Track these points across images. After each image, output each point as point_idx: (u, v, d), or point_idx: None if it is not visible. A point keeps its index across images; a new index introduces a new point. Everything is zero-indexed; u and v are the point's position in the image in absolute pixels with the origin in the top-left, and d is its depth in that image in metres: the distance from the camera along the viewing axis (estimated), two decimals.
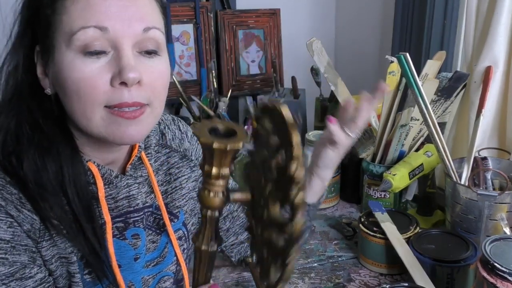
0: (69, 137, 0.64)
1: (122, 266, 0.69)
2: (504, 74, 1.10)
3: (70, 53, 0.57)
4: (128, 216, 0.70)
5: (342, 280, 1.00)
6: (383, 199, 1.16)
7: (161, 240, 0.75)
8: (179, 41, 1.60)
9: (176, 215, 0.78)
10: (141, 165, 0.72)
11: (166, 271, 0.76)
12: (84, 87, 0.57)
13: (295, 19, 1.79)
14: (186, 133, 0.83)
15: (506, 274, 0.73)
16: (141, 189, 0.71)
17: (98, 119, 0.59)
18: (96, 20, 0.56)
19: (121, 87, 0.57)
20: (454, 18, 1.36)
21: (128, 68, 0.56)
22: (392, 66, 1.13)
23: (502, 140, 1.15)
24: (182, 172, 0.79)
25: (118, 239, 0.69)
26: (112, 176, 0.67)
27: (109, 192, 0.68)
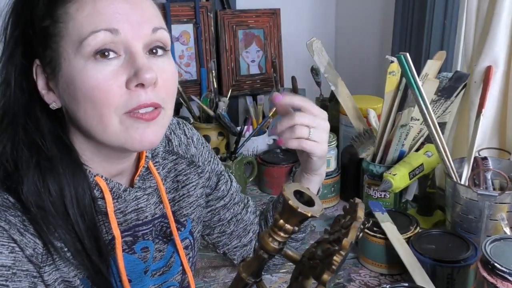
0: (71, 154, 0.61)
1: (132, 281, 0.68)
2: (504, 74, 1.10)
3: (80, 60, 0.55)
4: (136, 229, 0.68)
5: (342, 280, 1.00)
6: (383, 199, 1.16)
7: (168, 249, 0.74)
8: (179, 41, 1.60)
9: (183, 224, 0.77)
10: (149, 175, 0.70)
11: (171, 281, 0.75)
12: (99, 93, 0.55)
13: (295, 19, 1.79)
14: (192, 138, 0.81)
15: (506, 274, 0.73)
16: (150, 200, 0.70)
17: (116, 125, 0.57)
18: (106, 24, 0.55)
19: (137, 89, 0.56)
20: (454, 18, 1.36)
21: (145, 69, 0.56)
22: (392, 66, 1.13)
23: (502, 140, 1.15)
24: (190, 179, 0.78)
25: (127, 253, 0.68)
26: (120, 190, 0.65)
27: (118, 207, 0.66)
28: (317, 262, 0.48)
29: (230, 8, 1.68)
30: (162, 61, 0.60)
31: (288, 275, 1.02)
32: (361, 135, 1.24)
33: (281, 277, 1.01)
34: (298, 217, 0.48)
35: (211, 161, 0.83)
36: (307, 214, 0.47)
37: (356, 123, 1.28)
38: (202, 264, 1.07)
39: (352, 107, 1.29)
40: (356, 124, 1.28)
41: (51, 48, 0.57)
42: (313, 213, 0.47)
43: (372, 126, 1.24)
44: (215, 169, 0.84)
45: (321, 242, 0.50)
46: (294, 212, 0.47)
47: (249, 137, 1.41)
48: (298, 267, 0.52)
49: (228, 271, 1.04)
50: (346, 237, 0.45)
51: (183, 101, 1.49)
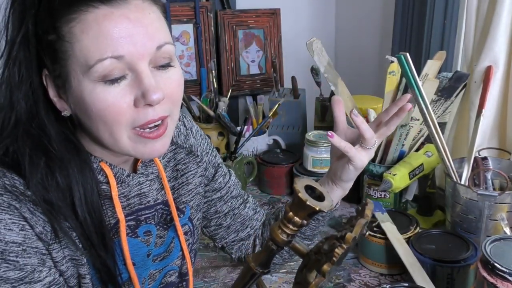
0: (78, 152, 0.63)
1: (136, 264, 0.70)
2: (504, 74, 1.10)
3: (90, 83, 0.57)
4: (139, 213, 0.71)
5: (342, 280, 1.00)
6: (383, 199, 1.16)
7: (168, 235, 0.76)
8: (179, 41, 1.60)
9: (182, 211, 0.79)
10: (151, 162, 0.73)
11: (171, 266, 0.78)
12: (109, 114, 0.58)
13: (295, 19, 1.79)
14: (191, 129, 0.83)
15: (506, 274, 0.73)
16: (152, 186, 0.73)
17: (125, 139, 0.61)
18: (112, 50, 0.56)
19: (146, 107, 0.59)
20: (454, 18, 1.36)
21: (152, 90, 0.57)
22: (392, 66, 1.13)
23: (502, 140, 1.15)
24: (189, 168, 0.80)
25: (131, 237, 0.70)
26: (124, 175, 0.69)
27: (122, 191, 0.69)
28: (322, 256, 0.50)
29: (230, 8, 1.68)
30: (168, 72, 0.61)
31: (288, 275, 1.02)
32: None
33: (281, 277, 1.01)
34: (307, 210, 0.49)
35: (209, 153, 0.86)
36: (315, 207, 0.49)
37: None
38: (202, 264, 1.07)
39: (352, 107, 1.29)
40: None
41: (59, 63, 0.58)
42: (321, 208, 0.49)
43: None
44: (213, 161, 0.87)
45: (329, 238, 0.52)
46: (303, 205, 0.49)
47: (249, 137, 1.41)
48: (304, 260, 0.54)
49: (228, 271, 1.04)
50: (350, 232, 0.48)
51: (183, 101, 1.49)
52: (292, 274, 1.02)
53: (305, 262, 0.54)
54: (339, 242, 0.49)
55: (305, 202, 0.49)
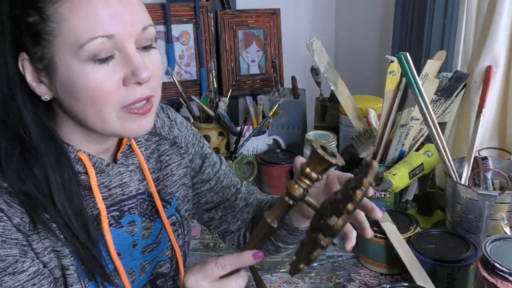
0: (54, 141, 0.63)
1: (121, 254, 0.71)
2: (504, 74, 1.10)
3: (78, 63, 0.57)
4: (122, 204, 0.71)
5: (342, 280, 1.00)
6: (383, 198, 1.16)
7: (155, 226, 0.77)
8: (179, 41, 1.60)
9: (169, 201, 0.79)
10: (132, 153, 0.73)
11: (161, 257, 0.78)
12: (99, 93, 0.59)
13: (295, 19, 1.79)
14: (175, 120, 0.83)
15: (506, 274, 0.73)
16: (133, 176, 0.73)
17: (114, 119, 0.61)
18: (103, 29, 0.57)
19: (134, 85, 0.60)
20: (454, 18, 1.36)
21: (141, 68, 0.59)
22: (392, 66, 1.13)
23: (502, 140, 1.15)
24: (172, 159, 0.80)
25: (115, 227, 0.70)
26: (103, 164, 0.69)
27: (102, 181, 0.69)
28: (338, 204, 0.54)
29: (230, 8, 1.68)
30: (150, 54, 0.63)
31: (288, 275, 1.02)
32: (361, 135, 1.24)
33: (281, 277, 1.01)
34: (324, 164, 0.55)
35: (195, 144, 0.86)
36: (332, 161, 0.54)
37: (356, 123, 1.28)
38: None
39: (352, 107, 1.29)
40: (356, 124, 1.28)
41: (42, 45, 0.58)
42: (336, 162, 0.55)
43: (372, 126, 1.24)
44: (199, 151, 0.86)
45: (339, 191, 0.58)
46: (321, 159, 0.54)
47: (249, 137, 1.42)
48: (318, 213, 0.58)
49: None
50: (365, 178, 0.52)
51: (183, 101, 1.49)
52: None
53: (321, 213, 0.58)
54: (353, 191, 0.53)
55: (323, 157, 0.54)
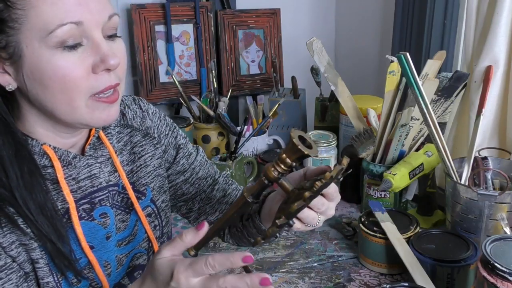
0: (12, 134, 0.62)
1: (95, 247, 0.71)
2: (504, 74, 1.10)
3: (47, 50, 0.58)
4: (92, 196, 0.71)
5: (342, 280, 1.00)
6: (383, 198, 1.16)
7: (131, 218, 0.77)
8: (179, 41, 1.60)
9: (143, 193, 0.79)
10: (101, 145, 0.73)
11: (138, 248, 0.78)
12: (69, 81, 0.59)
13: (295, 19, 1.79)
14: (147, 111, 0.83)
15: (506, 274, 0.73)
16: (103, 168, 0.73)
17: (83, 107, 0.62)
18: (71, 16, 0.58)
19: (103, 73, 0.61)
20: (454, 18, 1.36)
21: (111, 55, 0.60)
22: (392, 66, 1.13)
23: (502, 140, 1.15)
24: (146, 150, 0.80)
25: (86, 220, 0.70)
26: (69, 157, 0.68)
27: (69, 173, 0.69)
28: (304, 190, 0.61)
29: (230, 8, 1.68)
30: (115, 43, 0.64)
31: (288, 275, 1.02)
32: (361, 135, 1.24)
33: (281, 277, 1.01)
34: (298, 153, 0.59)
35: (169, 134, 0.85)
36: (305, 152, 0.58)
37: (356, 123, 1.28)
38: None
39: (352, 107, 1.29)
40: (356, 124, 1.28)
41: (6, 33, 0.58)
42: (309, 153, 0.59)
43: (372, 126, 1.24)
44: (173, 142, 0.86)
45: (310, 180, 0.63)
46: (296, 149, 0.58)
47: (249, 137, 1.42)
48: (288, 195, 0.64)
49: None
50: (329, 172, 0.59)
51: (183, 101, 1.49)
52: (292, 274, 1.02)
53: (289, 196, 0.63)
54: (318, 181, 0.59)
55: (297, 147, 0.58)
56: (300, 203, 0.61)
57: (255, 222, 0.81)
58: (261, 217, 0.80)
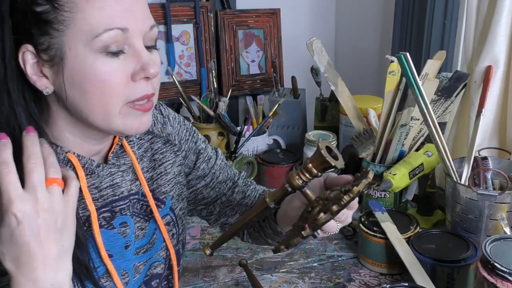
0: None
1: (113, 256, 0.70)
2: (504, 74, 1.10)
3: (91, 53, 0.58)
4: (114, 205, 0.70)
5: (342, 280, 1.00)
6: (383, 198, 1.16)
7: (150, 226, 0.76)
8: (179, 41, 1.60)
9: (163, 201, 0.78)
10: (123, 153, 0.72)
11: (156, 257, 0.77)
12: (108, 85, 0.59)
13: (295, 19, 1.79)
14: (168, 117, 0.82)
15: (506, 274, 0.73)
16: (125, 177, 0.72)
17: (116, 114, 0.61)
18: (118, 22, 0.58)
19: (141, 81, 0.61)
20: (454, 18, 1.36)
21: (151, 64, 0.61)
22: (392, 66, 1.13)
23: (502, 140, 1.15)
24: (166, 157, 0.80)
25: (106, 229, 0.69)
26: (93, 165, 0.68)
27: (92, 182, 0.68)
28: (328, 202, 0.61)
29: (230, 8, 1.68)
30: (154, 54, 0.64)
31: (288, 275, 1.02)
32: (361, 135, 1.24)
33: (281, 277, 1.01)
34: (325, 164, 0.60)
35: (189, 140, 0.85)
36: (332, 163, 0.60)
37: (356, 123, 1.28)
38: (202, 264, 1.07)
39: (352, 107, 1.29)
40: (356, 124, 1.28)
41: (51, 35, 0.57)
42: (336, 165, 0.60)
43: (372, 126, 1.24)
44: (193, 147, 0.85)
45: (334, 190, 0.63)
46: (323, 160, 0.60)
47: (249, 137, 1.42)
48: (311, 204, 0.64)
49: (228, 270, 1.04)
50: (356, 187, 0.59)
51: (183, 101, 1.49)
52: (292, 274, 1.02)
53: (312, 205, 0.64)
54: (344, 194, 0.59)
55: (325, 158, 0.59)
56: (328, 216, 0.61)
57: (271, 223, 0.81)
58: (277, 218, 0.80)
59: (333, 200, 0.61)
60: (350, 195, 0.59)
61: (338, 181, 0.69)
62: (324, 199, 0.63)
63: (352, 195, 0.59)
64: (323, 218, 0.61)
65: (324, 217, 0.61)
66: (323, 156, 0.59)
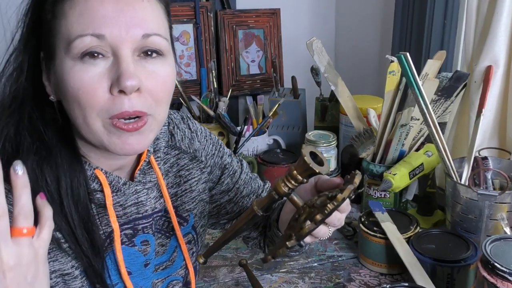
0: (70, 146, 0.62)
1: (132, 273, 0.68)
2: (504, 74, 1.10)
3: (69, 60, 0.56)
4: (136, 222, 0.69)
5: (342, 280, 1.00)
6: (383, 198, 1.16)
7: (170, 244, 0.74)
8: (179, 41, 1.60)
9: (186, 219, 0.77)
10: (150, 170, 0.70)
11: (174, 275, 0.76)
12: (83, 95, 0.55)
13: (295, 19, 1.79)
14: (196, 132, 0.80)
15: (506, 274, 0.73)
16: (150, 194, 0.70)
17: (99, 128, 0.57)
18: (93, 28, 0.55)
19: (120, 95, 0.56)
20: (454, 18, 1.36)
21: (126, 75, 0.54)
22: (392, 66, 1.13)
23: (502, 140, 1.15)
24: (192, 174, 0.77)
25: (127, 246, 0.68)
26: (120, 183, 0.66)
27: (117, 200, 0.66)
28: (315, 209, 0.60)
29: (230, 8, 1.68)
30: (154, 65, 0.59)
31: (288, 275, 1.02)
32: (361, 135, 1.24)
33: (281, 277, 1.01)
34: (309, 171, 0.59)
35: (215, 154, 0.82)
36: (316, 170, 0.58)
37: (356, 123, 1.28)
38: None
39: (352, 107, 1.29)
40: (356, 124, 1.28)
41: (49, 42, 0.58)
42: (320, 171, 0.58)
43: (372, 126, 1.24)
44: (218, 162, 0.83)
45: (321, 196, 0.62)
46: (307, 167, 0.58)
47: (249, 137, 1.41)
48: (298, 211, 0.63)
49: (228, 270, 1.04)
50: (340, 193, 0.58)
51: (183, 101, 1.49)
52: (292, 274, 1.02)
53: (299, 213, 0.63)
54: (329, 201, 0.59)
55: (309, 165, 0.58)
56: (311, 225, 0.60)
57: (273, 231, 0.80)
58: (279, 225, 0.78)
59: (319, 207, 0.60)
60: (334, 203, 0.58)
61: (327, 184, 0.67)
62: (310, 206, 0.61)
63: (336, 203, 0.57)
64: (307, 228, 0.60)
65: (308, 226, 0.60)
66: (307, 163, 0.58)
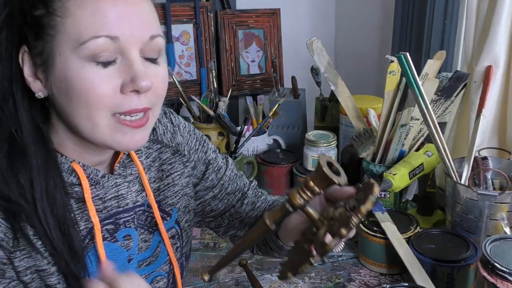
0: (45, 145, 0.61)
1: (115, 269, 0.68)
2: (504, 74, 1.10)
3: (77, 60, 0.55)
4: (117, 217, 0.68)
5: (342, 280, 1.00)
6: (383, 198, 1.16)
7: (154, 239, 0.74)
8: (179, 41, 1.60)
9: (169, 213, 0.76)
10: (130, 163, 0.70)
11: (159, 271, 0.75)
12: (94, 95, 0.56)
13: (295, 19, 1.79)
14: (179, 126, 0.80)
15: (506, 274, 0.73)
16: (131, 187, 0.69)
17: (105, 126, 0.58)
18: (108, 29, 0.55)
19: (131, 94, 0.58)
20: (454, 17, 1.36)
21: (142, 76, 0.57)
22: (392, 66, 1.13)
23: (502, 140, 1.15)
24: (175, 168, 0.77)
25: (109, 242, 0.67)
26: (98, 176, 0.65)
27: (96, 193, 0.65)
28: (334, 222, 0.57)
29: (230, 8, 1.68)
30: (155, 66, 0.61)
31: None
32: (361, 135, 1.24)
33: None
34: (327, 182, 0.57)
35: (199, 149, 0.82)
36: (336, 181, 0.56)
37: (356, 123, 1.28)
38: (202, 264, 1.07)
39: (352, 107, 1.29)
40: (356, 124, 1.28)
41: (43, 39, 0.56)
42: (339, 181, 0.57)
43: (372, 126, 1.24)
44: (203, 157, 0.82)
45: (338, 207, 0.59)
46: (325, 178, 0.56)
47: (249, 137, 1.41)
48: (315, 224, 0.60)
49: (228, 270, 1.04)
50: (363, 205, 0.54)
51: (183, 101, 1.49)
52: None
53: (316, 225, 0.60)
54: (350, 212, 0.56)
55: (328, 175, 0.56)
56: (337, 241, 0.56)
57: (272, 238, 0.78)
58: (280, 232, 0.76)
59: (340, 220, 0.56)
60: (359, 215, 0.54)
61: (339, 194, 0.64)
62: (329, 219, 0.58)
63: (361, 216, 0.54)
64: (332, 243, 0.57)
65: (334, 242, 0.56)
66: (325, 173, 0.56)
